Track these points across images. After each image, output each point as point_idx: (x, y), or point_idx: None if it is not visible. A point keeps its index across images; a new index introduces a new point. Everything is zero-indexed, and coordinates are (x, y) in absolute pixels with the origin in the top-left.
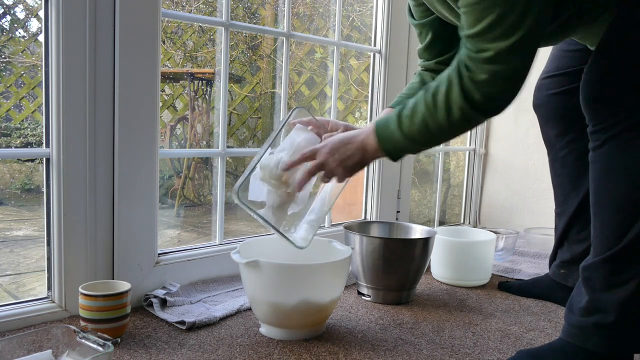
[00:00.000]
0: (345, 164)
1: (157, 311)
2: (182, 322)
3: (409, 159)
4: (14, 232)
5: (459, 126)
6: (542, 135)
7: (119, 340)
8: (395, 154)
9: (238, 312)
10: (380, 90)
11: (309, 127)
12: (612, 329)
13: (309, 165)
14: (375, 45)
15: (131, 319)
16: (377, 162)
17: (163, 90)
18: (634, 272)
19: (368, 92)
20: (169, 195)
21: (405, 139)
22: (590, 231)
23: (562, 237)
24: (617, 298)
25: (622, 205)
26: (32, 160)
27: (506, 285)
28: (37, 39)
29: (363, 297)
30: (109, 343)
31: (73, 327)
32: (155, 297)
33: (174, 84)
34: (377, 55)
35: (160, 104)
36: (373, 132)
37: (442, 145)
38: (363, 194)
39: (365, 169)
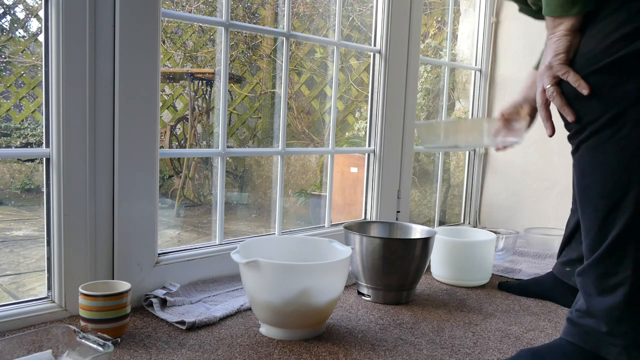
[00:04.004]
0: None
1: (157, 311)
2: (182, 322)
3: (409, 159)
4: (14, 232)
5: None
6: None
7: (119, 340)
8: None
9: (238, 312)
10: (380, 90)
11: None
12: (606, 337)
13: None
14: (375, 45)
15: (131, 319)
16: (377, 161)
17: (163, 90)
18: (622, 277)
19: (368, 92)
20: (169, 195)
21: None
22: None
23: (571, 235)
24: (607, 305)
25: (598, 208)
26: (32, 160)
27: (506, 285)
28: (37, 39)
29: (363, 297)
30: (109, 343)
31: (73, 327)
32: (155, 297)
33: (174, 84)
34: (377, 55)
35: (160, 104)
36: (548, 21)
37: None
38: (363, 194)
39: (365, 169)
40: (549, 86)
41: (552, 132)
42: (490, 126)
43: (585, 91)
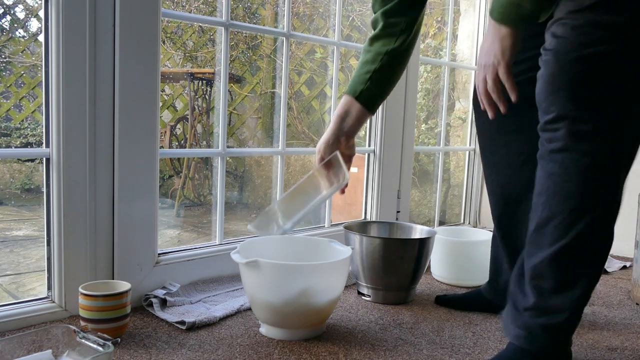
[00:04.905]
0: (487, 56)
1: (157, 311)
2: (182, 322)
3: (409, 159)
4: (14, 232)
5: None
6: None
7: (119, 340)
8: (514, 16)
9: (238, 312)
10: None
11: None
12: (560, 329)
13: (483, 84)
14: None
15: (131, 319)
16: (377, 161)
17: (163, 90)
18: (582, 270)
19: None
20: (169, 195)
21: None
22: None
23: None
24: (569, 299)
25: (571, 199)
26: (32, 160)
27: (445, 299)
28: (37, 39)
29: (363, 297)
30: (109, 343)
31: (73, 327)
32: (155, 297)
33: (174, 84)
34: None
35: (160, 104)
36: (490, 20)
37: (442, 145)
38: (363, 194)
39: (365, 169)
40: (490, 83)
41: (504, 109)
42: (317, 181)
43: (513, 97)
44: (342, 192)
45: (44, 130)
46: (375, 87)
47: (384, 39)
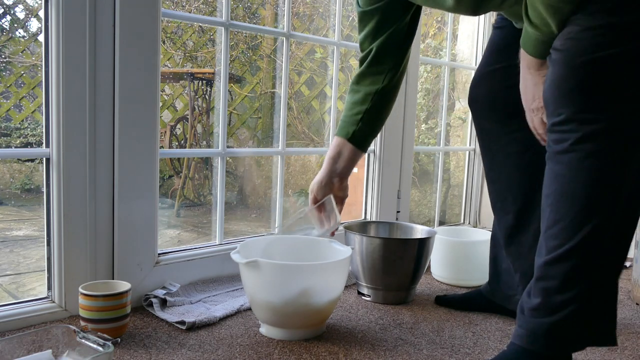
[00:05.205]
0: (535, 100)
1: (157, 311)
2: (182, 322)
3: (409, 159)
4: (14, 232)
5: None
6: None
7: (119, 340)
8: (542, 48)
9: (238, 312)
10: None
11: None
12: (562, 329)
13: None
14: None
15: (131, 319)
16: (377, 161)
17: (163, 90)
18: (588, 272)
19: None
20: (169, 195)
21: (542, 25)
22: (541, 226)
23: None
24: (572, 300)
25: (580, 203)
26: (32, 160)
27: (445, 299)
28: (37, 39)
29: (363, 297)
30: (109, 343)
31: (73, 327)
32: (155, 297)
33: (174, 84)
34: None
35: (160, 104)
36: (525, 57)
37: (442, 145)
38: (363, 194)
39: (365, 169)
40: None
41: None
42: (309, 222)
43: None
44: (332, 234)
45: (44, 130)
46: (367, 126)
47: (372, 76)
